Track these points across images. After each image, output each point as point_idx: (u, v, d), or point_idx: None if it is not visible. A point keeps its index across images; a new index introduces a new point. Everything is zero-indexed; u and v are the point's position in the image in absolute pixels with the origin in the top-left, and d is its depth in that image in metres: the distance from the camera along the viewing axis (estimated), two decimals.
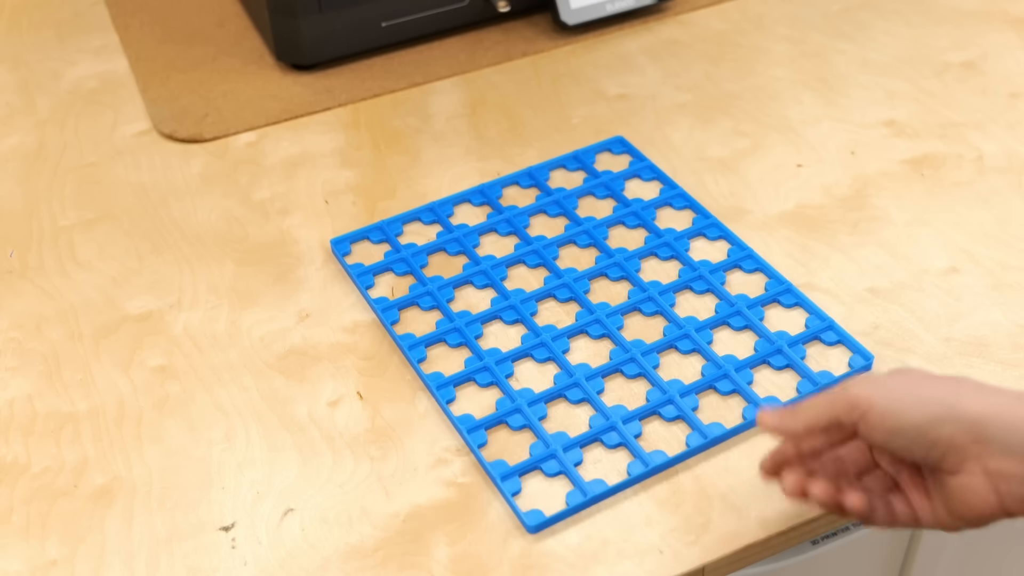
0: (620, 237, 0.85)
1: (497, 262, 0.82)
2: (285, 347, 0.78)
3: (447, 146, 0.94)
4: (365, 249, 0.85)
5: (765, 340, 0.75)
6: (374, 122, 0.97)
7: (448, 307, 0.79)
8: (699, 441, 0.69)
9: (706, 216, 0.84)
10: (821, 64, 1.01)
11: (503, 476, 0.68)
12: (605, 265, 0.81)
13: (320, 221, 0.88)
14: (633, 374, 0.74)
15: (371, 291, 0.81)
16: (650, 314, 0.78)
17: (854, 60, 1.01)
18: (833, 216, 0.86)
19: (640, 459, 0.69)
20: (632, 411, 0.71)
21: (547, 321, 0.78)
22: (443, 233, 0.86)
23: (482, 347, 0.76)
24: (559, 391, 0.73)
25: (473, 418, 0.72)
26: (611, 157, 0.92)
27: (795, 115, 0.96)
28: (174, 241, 0.87)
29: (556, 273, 0.81)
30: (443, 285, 0.81)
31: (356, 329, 0.79)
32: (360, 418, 0.73)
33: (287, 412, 0.73)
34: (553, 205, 0.88)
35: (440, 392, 0.73)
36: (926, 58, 1.01)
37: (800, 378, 0.73)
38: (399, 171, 0.92)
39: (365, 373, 0.76)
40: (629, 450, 0.70)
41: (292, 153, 0.94)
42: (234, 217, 0.89)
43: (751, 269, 0.81)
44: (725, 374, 0.73)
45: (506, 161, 0.93)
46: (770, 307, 0.78)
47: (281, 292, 0.82)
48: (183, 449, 0.71)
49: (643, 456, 0.69)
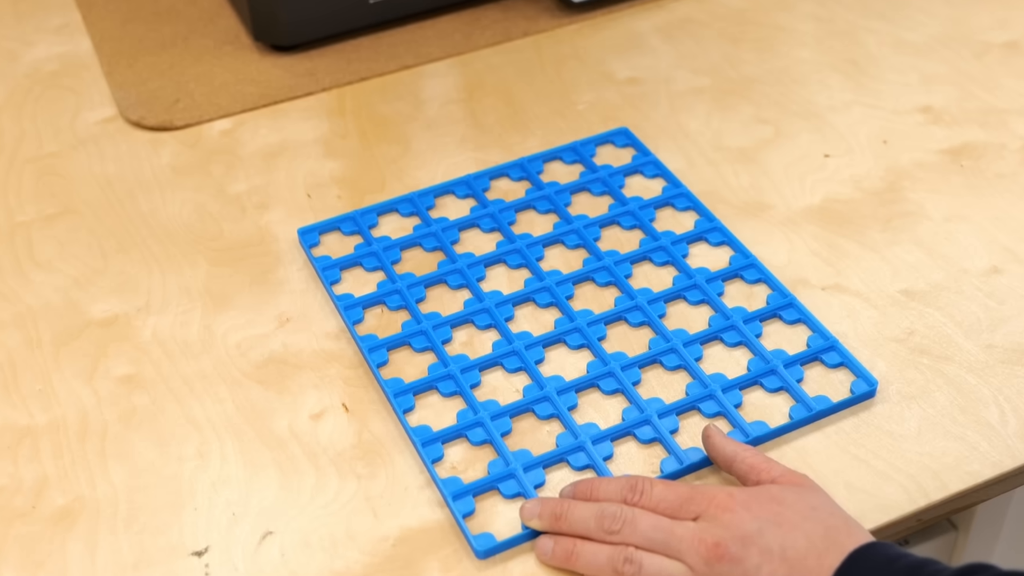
0: (613, 239, 0.85)
1: (475, 260, 0.82)
2: (263, 355, 0.78)
3: (441, 134, 0.95)
4: (335, 241, 0.86)
5: (760, 359, 0.75)
6: (361, 108, 0.98)
7: (417, 308, 0.79)
8: (674, 467, 0.69)
9: (710, 219, 0.85)
10: (851, 45, 1.01)
11: (455, 495, 0.68)
12: (592, 269, 0.81)
13: (302, 216, 0.88)
14: (610, 390, 0.74)
15: (337, 287, 0.82)
16: (636, 324, 0.78)
17: (887, 40, 1.01)
18: (864, 211, 0.86)
19: None
20: (604, 430, 0.71)
21: (523, 328, 0.78)
22: (421, 226, 0.86)
23: (449, 353, 0.77)
24: (526, 405, 0.73)
25: (430, 430, 0.72)
26: (613, 150, 0.92)
27: (822, 100, 0.96)
28: (142, 239, 0.87)
29: (538, 275, 0.81)
30: (414, 283, 0.81)
31: (341, 335, 0.79)
32: (346, 433, 0.73)
33: (266, 426, 0.74)
34: (543, 200, 0.88)
35: (397, 400, 0.73)
36: (966, 38, 1.01)
37: (794, 402, 0.73)
38: (388, 162, 0.92)
39: (351, 383, 0.76)
40: (597, 473, 0.70)
41: (271, 142, 0.95)
42: (207, 212, 0.89)
43: (753, 279, 0.81)
44: (711, 394, 0.73)
45: (505, 150, 0.93)
46: (770, 322, 0.78)
47: (259, 294, 0.82)
48: (152, 466, 0.72)
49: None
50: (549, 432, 0.72)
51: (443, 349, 0.77)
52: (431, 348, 0.77)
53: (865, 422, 0.72)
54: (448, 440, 0.72)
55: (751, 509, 0.63)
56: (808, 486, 0.65)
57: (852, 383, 0.74)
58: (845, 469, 0.70)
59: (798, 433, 0.72)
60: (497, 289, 0.81)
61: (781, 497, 0.63)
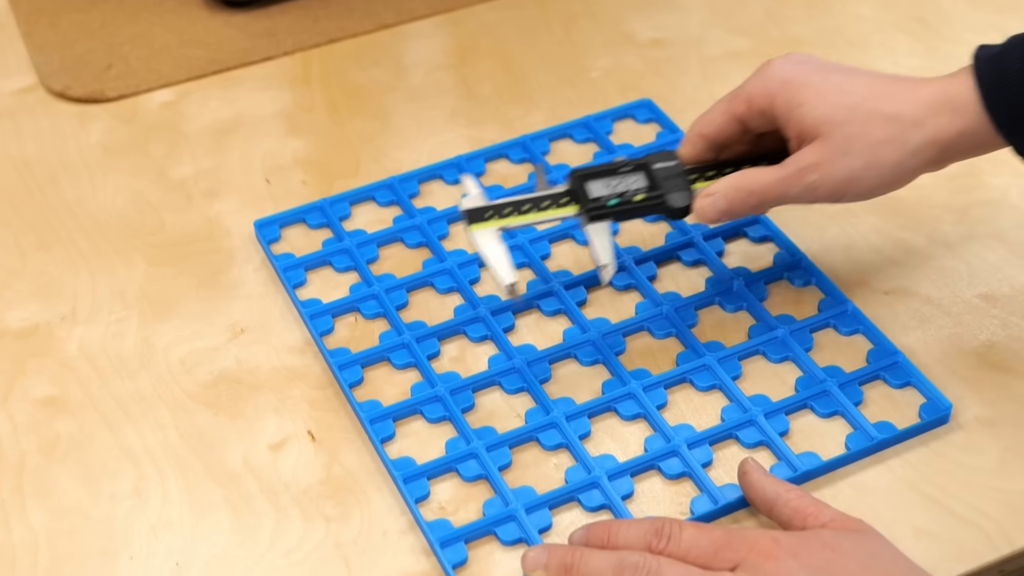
0: (634, 233, 0.85)
1: (468, 259, 0.82)
2: (213, 372, 0.78)
3: (427, 107, 0.94)
4: (299, 235, 0.85)
5: (810, 377, 0.75)
6: (330, 76, 0.97)
7: (398, 316, 0.79)
8: (707, 507, 0.69)
9: None
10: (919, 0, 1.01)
11: (443, 541, 0.68)
12: None
13: (259, 206, 0.87)
14: (630, 415, 0.74)
15: (301, 291, 0.82)
16: (662, 336, 0.78)
17: None
18: (935, 200, 0.86)
19: None
20: (623, 464, 0.71)
21: (525, 340, 0.78)
22: (403, 218, 0.86)
23: (436, 370, 0.76)
24: (529, 432, 0.73)
25: (413, 463, 0.72)
26: (634, 126, 0.92)
27: (885, 66, 0.95)
28: (67, 233, 0.87)
29: (543, 277, 0.81)
30: (394, 287, 0.81)
31: (307, 349, 0.79)
32: (312, 466, 0.73)
33: (216, 458, 0.73)
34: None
35: (374, 427, 0.73)
36: None
37: (851, 430, 0.73)
38: (363, 140, 0.92)
39: (319, 407, 0.76)
40: (615, 515, 0.69)
41: (222, 117, 0.94)
42: (146, 201, 0.89)
43: (802, 282, 0.81)
44: (751, 420, 0.73)
45: (504, 127, 0.93)
46: (822, 333, 0.78)
47: (208, 300, 0.82)
48: (79, 506, 0.71)
49: None
50: (557, 465, 0.72)
51: (429, 366, 0.76)
52: (415, 364, 0.77)
53: (937, 453, 0.72)
54: (435, 475, 0.72)
55: (799, 557, 0.62)
56: (866, 531, 0.65)
57: (921, 406, 0.74)
58: (912, 510, 0.69)
59: (856, 467, 0.72)
60: (494, 294, 0.81)
61: (835, 543, 0.63)
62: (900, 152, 0.72)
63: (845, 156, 0.72)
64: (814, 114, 0.73)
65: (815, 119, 0.73)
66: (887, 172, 0.73)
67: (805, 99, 0.73)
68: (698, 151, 0.78)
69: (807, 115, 0.73)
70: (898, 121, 0.72)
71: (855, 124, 0.72)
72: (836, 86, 0.73)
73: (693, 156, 0.77)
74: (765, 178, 0.74)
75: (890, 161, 0.72)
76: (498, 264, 0.73)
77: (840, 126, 0.72)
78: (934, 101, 0.72)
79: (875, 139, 0.72)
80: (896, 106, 0.72)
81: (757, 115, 0.75)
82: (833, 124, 0.72)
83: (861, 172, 0.72)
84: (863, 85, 0.73)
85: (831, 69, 0.75)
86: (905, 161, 0.72)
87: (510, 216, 0.75)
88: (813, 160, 0.73)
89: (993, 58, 0.71)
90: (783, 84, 0.74)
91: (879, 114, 0.72)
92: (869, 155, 0.72)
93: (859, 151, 0.72)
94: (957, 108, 0.71)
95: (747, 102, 0.75)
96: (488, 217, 0.75)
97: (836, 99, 0.73)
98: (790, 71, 0.75)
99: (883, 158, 0.72)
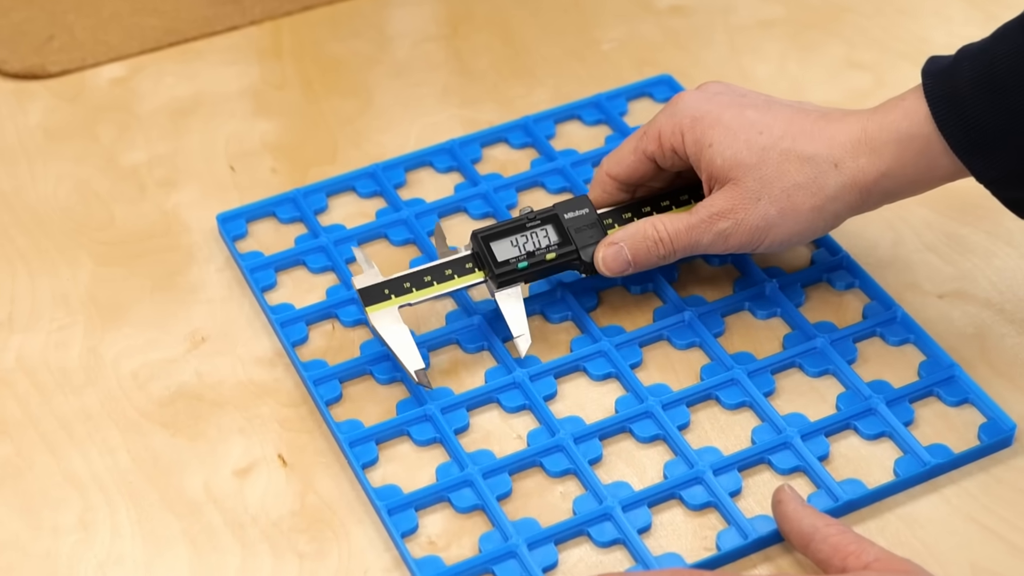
0: None
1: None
2: (170, 388, 0.78)
3: (415, 84, 0.95)
4: (268, 231, 0.86)
5: (853, 393, 0.76)
6: (304, 48, 0.98)
7: None
8: (736, 542, 0.70)
9: None
10: None
11: None
12: None
13: (223, 197, 0.88)
14: (648, 437, 0.74)
15: (271, 294, 0.82)
16: (684, 346, 0.79)
17: None
18: None
19: (644, 564, 0.69)
20: (640, 492, 0.71)
21: (526, 351, 0.78)
22: (387, 211, 0.86)
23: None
24: (532, 457, 0.73)
25: (399, 492, 0.72)
26: (652, 106, 0.92)
27: (939, 37, 0.96)
28: (2, 228, 0.87)
29: (548, 279, 0.81)
30: None
31: (277, 361, 0.79)
32: (283, 495, 0.73)
33: (173, 485, 0.73)
34: (555, 175, 0.88)
35: (355, 451, 0.74)
36: None
37: (901, 453, 0.73)
38: (342, 122, 0.92)
39: (291, 427, 0.76)
40: (630, 551, 0.70)
41: (180, 95, 0.95)
42: (93, 191, 0.89)
43: (844, 284, 0.81)
44: (786, 442, 0.73)
45: (504, 106, 0.93)
46: (867, 342, 0.78)
47: (164, 304, 0.82)
48: (16, 541, 0.71)
49: (648, 561, 0.69)
50: (563, 494, 0.72)
51: None
52: (400, 379, 0.77)
53: (999, 480, 0.72)
54: (424, 505, 0.72)
55: None
56: (916, 573, 0.65)
57: (981, 427, 0.74)
58: (970, 544, 0.70)
59: (907, 496, 0.72)
60: (491, 299, 0.80)
61: None
62: (817, 197, 0.74)
63: (758, 202, 0.74)
64: (724, 155, 0.75)
65: (725, 161, 0.75)
66: (804, 219, 0.74)
67: (715, 138, 0.75)
68: (609, 194, 0.80)
69: (717, 156, 0.75)
70: (814, 163, 0.74)
71: (768, 167, 0.74)
72: (749, 124, 0.75)
73: (604, 200, 0.80)
74: (674, 225, 0.76)
75: (806, 207, 0.74)
76: (403, 350, 0.75)
77: (752, 169, 0.74)
78: (853, 140, 0.74)
79: (790, 183, 0.74)
80: (813, 146, 0.74)
81: (669, 153, 0.77)
82: (745, 167, 0.74)
83: (776, 220, 0.74)
84: (779, 122, 0.75)
85: (747, 104, 0.76)
86: (824, 207, 0.74)
87: (410, 292, 0.77)
88: (724, 206, 0.75)
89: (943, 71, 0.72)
90: (693, 121, 0.76)
91: (794, 155, 0.74)
92: (783, 201, 0.74)
93: (773, 197, 0.74)
94: (877, 148, 0.73)
95: (656, 140, 0.77)
96: (386, 295, 0.76)
97: (748, 138, 0.74)
98: (701, 107, 0.76)
99: (799, 204, 0.74)
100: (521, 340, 0.76)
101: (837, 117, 0.75)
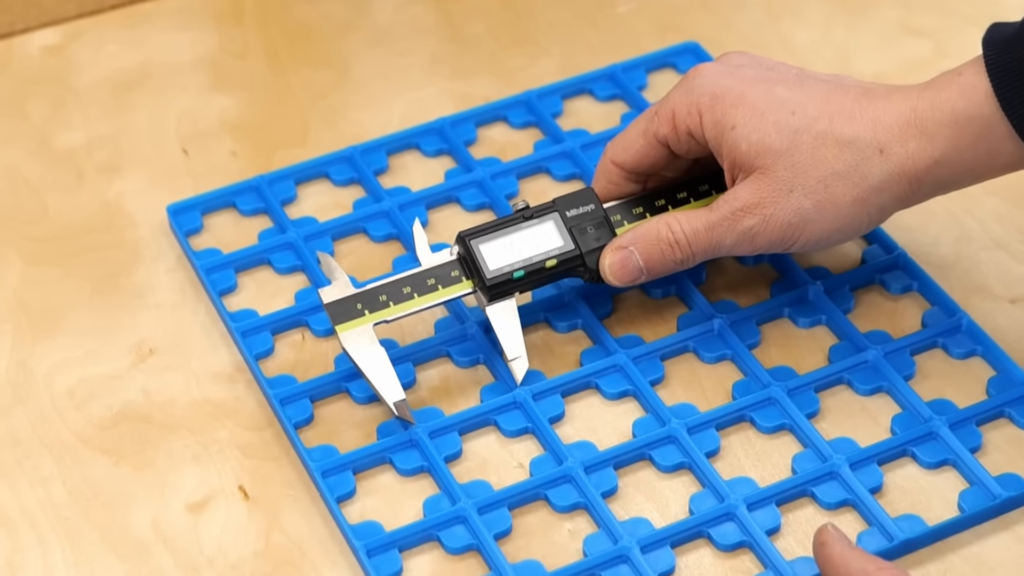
0: None
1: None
2: (113, 408, 0.79)
3: (399, 53, 0.95)
4: (227, 225, 0.87)
5: (911, 414, 0.76)
6: (269, 11, 0.98)
7: None
8: None
9: None
10: None
11: None
12: None
13: (174, 185, 0.89)
14: (672, 465, 0.75)
15: (230, 299, 0.83)
16: (712, 360, 0.79)
17: None
18: None
19: None
20: (661, 530, 0.72)
21: (530, 364, 0.78)
22: (366, 202, 0.87)
23: (411, 405, 0.76)
24: (536, 488, 0.74)
25: (380, 530, 0.73)
26: (675, 79, 0.92)
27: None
28: None
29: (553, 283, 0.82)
30: None
31: (237, 377, 0.80)
32: (245, 533, 0.73)
33: (117, 522, 0.74)
34: (563, 160, 0.89)
35: (328, 482, 0.74)
36: None
37: (967, 485, 0.74)
38: (314, 97, 0.93)
39: (254, 454, 0.77)
40: None
41: (125, 66, 0.95)
42: (22, 178, 0.90)
43: (900, 287, 0.82)
44: (832, 472, 0.74)
45: (503, 79, 0.94)
46: (927, 355, 0.79)
47: (105, 310, 0.83)
48: None
49: None
50: (572, 532, 0.73)
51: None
52: None
53: None
54: (409, 546, 0.73)
55: None
56: None
57: None
58: None
59: (973, 534, 0.73)
60: (482, 310, 0.80)
61: None
62: (859, 188, 0.74)
63: (790, 194, 0.74)
64: (750, 139, 0.74)
65: (751, 146, 0.74)
66: (844, 214, 0.74)
67: (739, 119, 0.74)
68: (616, 185, 0.79)
69: (741, 140, 0.74)
70: (855, 148, 0.73)
71: (801, 153, 0.74)
72: (779, 102, 0.74)
73: (610, 192, 0.79)
74: (691, 224, 0.76)
75: (847, 200, 0.74)
76: (380, 378, 0.75)
77: (783, 155, 0.74)
78: (901, 121, 0.73)
79: (827, 172, 0.73)
80: (853, 128, 0.74)
81: (684, 137, 0.77)
82: (774, 153, 0.74)
83: (812, 215, 0.74)
84: (814, 100, 0.74)
85: (776, 78, 0.76)
86: (867, 199, 0.74)
87: (386, 307, 0.76)
88: (749, 200, 0.74)
89: (1008, 41, 0.72)
90: (713, 100, 0.75)
91: (832, 139, 0.73)
92: (820, 193, 0.74)
93: (807, 188, 0.74)
94: (928, 130, 0.72)
95: (670, 121, 0.77)
96: (359, 311, 0.76)
97: (778, 119, 0.74)
98: (722, 82, 0.76)
99: (838, 196, 0.74)
100: (517, 364, 0.76)
101: (882, 94, 0.75)
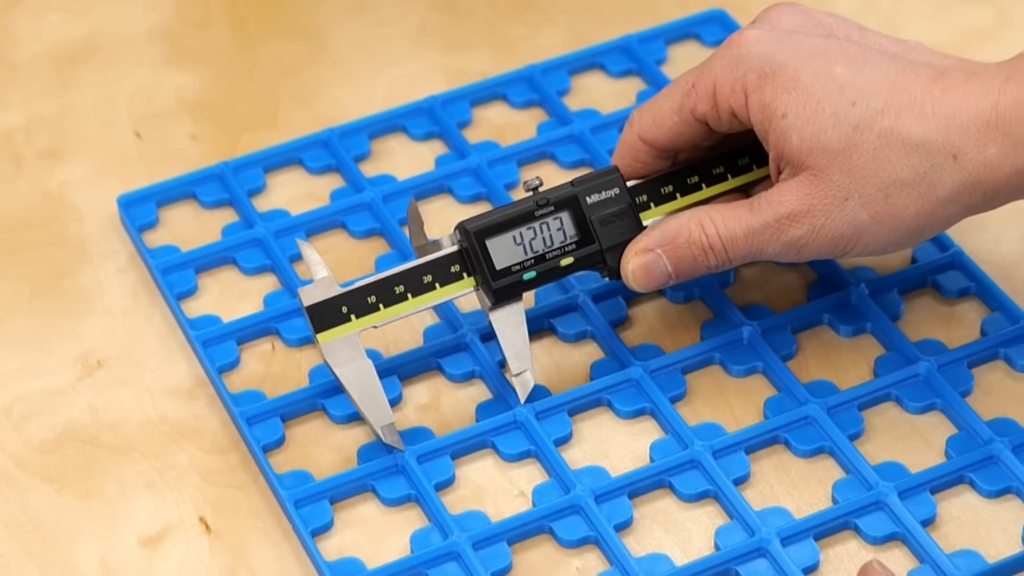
0: None
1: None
2: (55, 428, 0.81)
3: (382, 22, 0.98)
4: (186, 219, 0.89)
5: (968, 435, 0.78)
6: None
7: None
8: None
9: None
10: None
11: None
12: None
13: (125, 173, 0.91)
14: (693, 494, 0.77)
15: (189, 303, 0.85)
16: (741, 373, 0.81)
17: None
18: None
19: None
20: (683, 567, 0.74)
21: (528, 393, 0.80)
22: (345, 192, 0.90)
23: (397, 425, 0.78)
24: (539, 520, 0.76)
25: (363, 567, 0.74)
26: (699, 51, 0.95)
27: None
28: None
29: (561, 282, 0.84)
30: None
31: (198, 392, 0.82)
32: (207, 571, 0.75)
33: (60, 558, 0.76)
34: (570, 144, 0.91)
35: (301, 513, 0.76)
36: None
37: None
38: (285, 73, 0.96)
39: (216, 480, 0.79)
40: None
41: (69, 37, 0.98)
42: None
43: (957, 290, 0.84)
44: (878, 502, 0.76)
45: (502, 53, 0.96)
46: (987, 367, 0.81)
47: (47, 317, 0.85)
48: None
49: None
50: (580, 570, 0.75)
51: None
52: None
53: None
54: None
55: None
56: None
57: None
58: None
59: None
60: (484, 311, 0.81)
61: None
62: (925, 200, 0.73)
63: (845, 203, 0.74)
64: (803, 133, 0.74)
65: (804, 141, 0.74)
66: (904, 227, 0.74)
67: (791, 106, 0.75)
68: (643, 163, 0.79)
69: (792, 133, 0.74)
70: (925, 152, 0.72)
71: (861, 154, 0.73)
72: (838, 89, 0.74)
73: (636, 171, 0.79)
74: (729, 228, 0.76)
75: (910, 212, 0.74)
76: (367, 397, 0.75)
77: (840, 156, 0.73)
78: (979, 121, 0.73)
79: (889, 180, 0.73)
80: (923, 126, 0.73)
81: (727, 117, 0.77)
82: (830, 153, 0.74)
83: (868, 226, 0.74)
84: (879, 86, 0.74)
85: (834, 52, 0.75)
86: (933, 211, 0.73)
87: (376, 310, 0.76)
88: (797, 206, 0.75)
89: None
90: (762, 79, 0.75)
91: (898, 140, 0.73)
92: (880, 203, 0.74)
93: (866, 197, 0.74)
94: (1012, 134, 0.72)
95: (710, 97, 0.77)
96: (344, 316, 0.75)
97: (837, 111, 0.73)
98: (774, 56, 0.76)
99: (900, 208, 0.74)
100: (522, 379, 0.77)
101: (958, 81, 0.74)
